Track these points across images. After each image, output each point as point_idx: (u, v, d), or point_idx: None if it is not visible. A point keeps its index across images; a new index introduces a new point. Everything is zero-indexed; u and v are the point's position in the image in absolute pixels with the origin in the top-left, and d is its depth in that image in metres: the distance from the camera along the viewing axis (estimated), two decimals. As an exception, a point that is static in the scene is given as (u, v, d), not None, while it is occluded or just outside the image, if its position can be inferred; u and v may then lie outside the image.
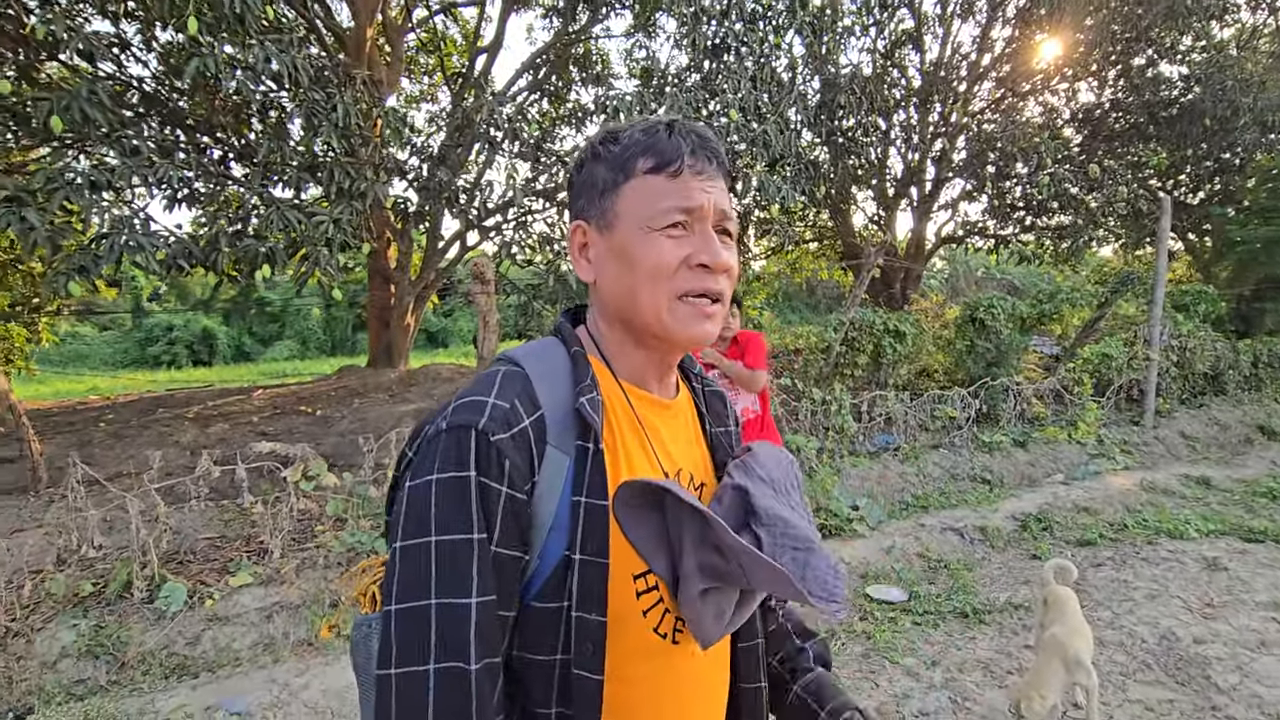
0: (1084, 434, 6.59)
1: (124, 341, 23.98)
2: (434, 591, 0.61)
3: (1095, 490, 5.44)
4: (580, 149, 0.84)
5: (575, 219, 0.80)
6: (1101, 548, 4.37)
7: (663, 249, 0.73)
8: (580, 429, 0.71)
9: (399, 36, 9.39)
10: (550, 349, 0.78)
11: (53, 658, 3.22)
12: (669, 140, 0.75)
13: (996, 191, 8.82)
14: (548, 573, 0.68)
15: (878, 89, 8.10)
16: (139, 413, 6.86)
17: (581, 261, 0.79)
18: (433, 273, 9.07)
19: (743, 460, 0.81)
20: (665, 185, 0.74)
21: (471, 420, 0.66)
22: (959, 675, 2.95)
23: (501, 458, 0.65)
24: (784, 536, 0.73)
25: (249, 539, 4.26)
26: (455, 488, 0.64)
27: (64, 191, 3.78)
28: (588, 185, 0.78)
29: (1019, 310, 7.35)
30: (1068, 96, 10.27)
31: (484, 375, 0.73)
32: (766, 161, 6.34)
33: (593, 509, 0.69)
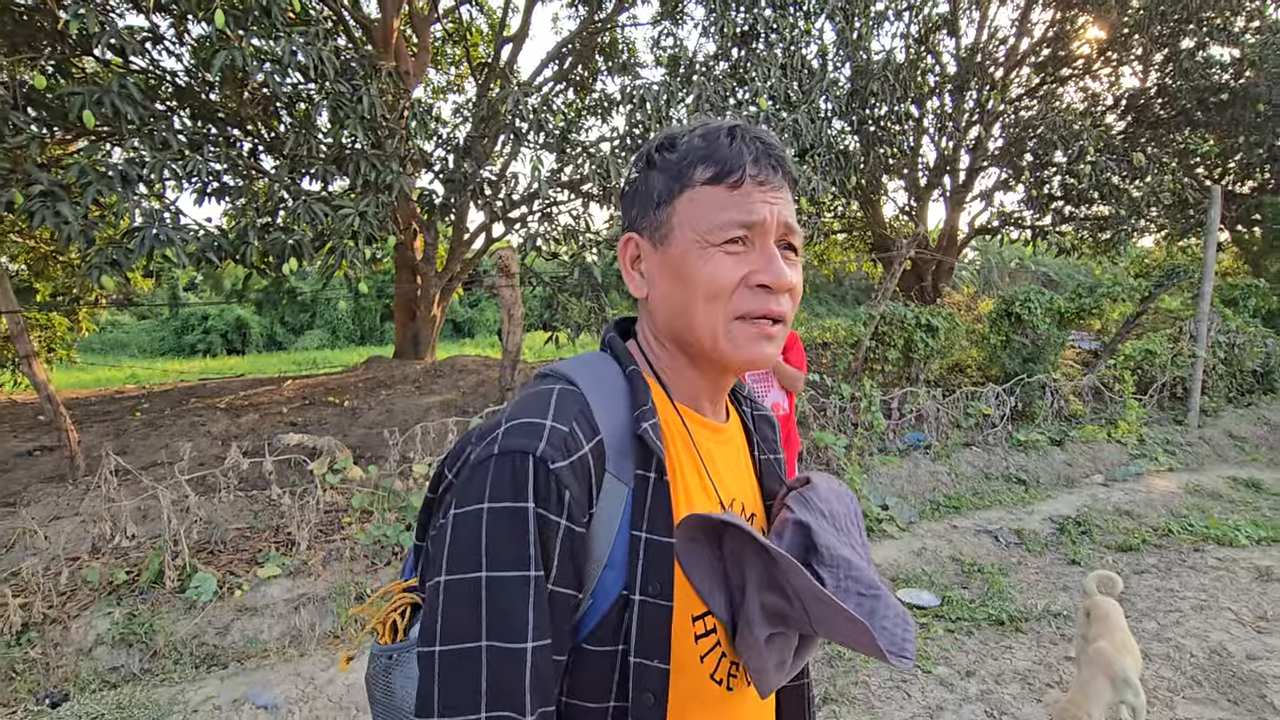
0: (1125, 433, 6.36)
1: (161, 330, 24.60)
2: (485, 633, 0.56)
3: (1137, 492, 5.24)
4: (636, 156, 0.76)
5: (627, 229, 0.76)
6: (1144, 554, 4.20)
7: (721, 266, 0.68)
8: (641, 456, 0.66)
9: (425, 27, 9.38)
10: (603, 366, 0.73)
11: (88, 645, 3.29)
12: (730, 147, 0.69)
13: (1034, 181, 8.53)
14: (603, 612, 0.63)
15: (911, 76, 7.87)
16: (172, 402, 6.99)
17: (634, 275, 0.75)
18: (458, 264, 9.08)
19: (801, 493, 0.75)
20: (725, 197, 0.68)
21: (529, 445, 0.60)
22: (995, 687, 2.85)
23: (561, 488, 0.60)
24: (848, 579, 0.68)
25: (277, 530, 4.30)
26: (510, 519, 0.58)
27: (97, 185, 3.82)
28: (641, 195, 0.74)
29: (1057, 304, 7.11)
30: (1110, 82, 9.89)
31: (536, 393, 0.67)
32: (796, 151, 6.19)
33: (655, 545, 0.64)
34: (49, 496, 4.62)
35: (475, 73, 10.80)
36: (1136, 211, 7.77)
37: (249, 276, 4.62)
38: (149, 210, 3.93)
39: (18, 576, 3.56)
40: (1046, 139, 7.49)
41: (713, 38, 6.19)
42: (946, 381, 7.38)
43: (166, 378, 11.74)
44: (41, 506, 4.41)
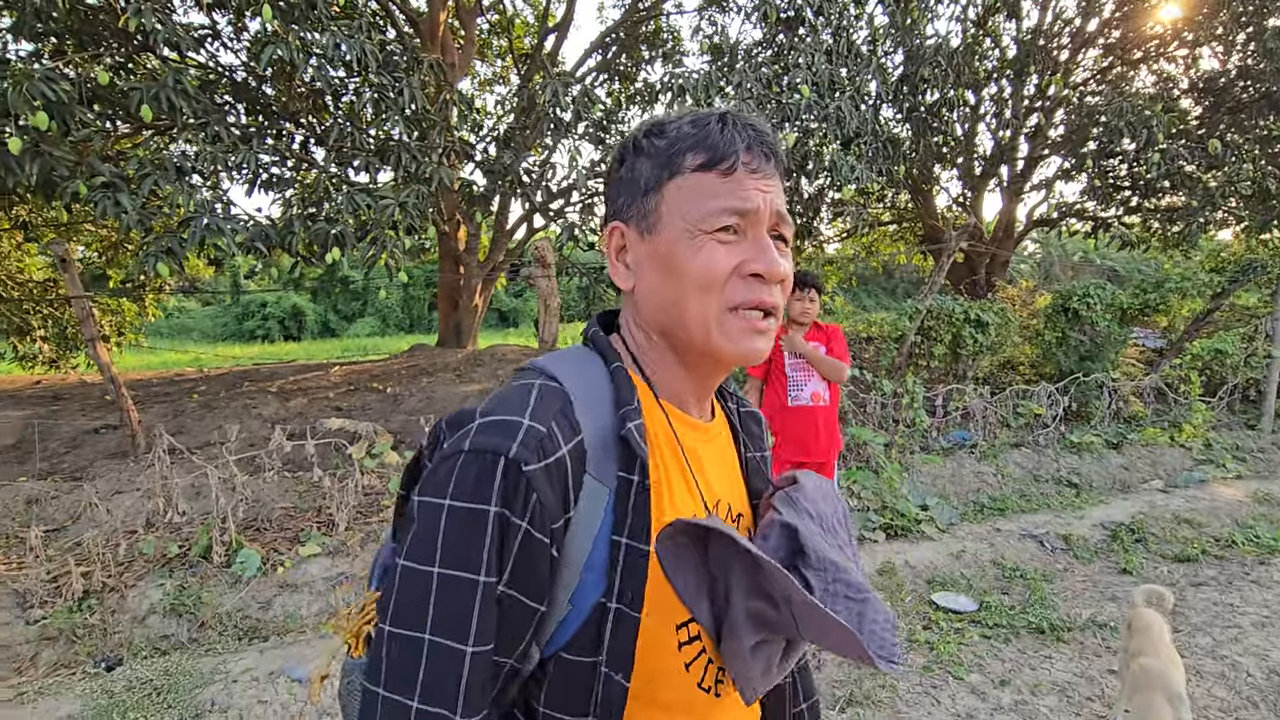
0: (1189, 437, 6.01)
1: (223, 316, 25.77)
2: (430, 626, 0.56)
3: (1200, 500, 4.95)
4: (620, 141, 0.75)
5: (612, 219, 0.72)
6: (1204, 565, 3.96)
7: (713, 255, 0.66)
8: (624, 458, 0.64)
9: (471, 19, 9.48)
10: (586, 362, 0.70)
11: (142, 613, 3.47)
12: (722, 134, 0.67)
13: (1098, 170, 8.09)
14: (581, 620, 0.62)
15: (966, 61, 7.54)
16: (227, 385, 7.31)
17: (619, 267, 0.72)
18: (501, 254, 9.20)
19: (788, 494, 0.73)
20: (717, 184, 0.66)
21: (501, 445, 0.58)
22: (1031, 698, 2.74)
23: (530, 492, 0.58)
24: (836, 583, 0.66)
25: (319, 511, 4.45)
26: (470, 521, 0.57)
27: (154, 177, 4.00)
28: (628, 182, 0.71)
29: (1119, 300, 6.74)
30: (1187, 64, 9.28)
31: (516, 388, 0.65)
32: (841, 140, 6.03)
33: (633, 552, 0.62)
34: (112, 472, 4.89)
35: (518, 64, 10.88)
36: (1211, 202, 7.29)
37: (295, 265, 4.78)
38: (201, 201, 4.09)
39: (80, 547, 3.79)
40: (1113, 126, 7.09)
41: (756, 24, 6.06)
42: (996, 379, 7.11)
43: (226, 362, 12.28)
44: (105, 481, 4.67)
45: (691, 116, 0.69)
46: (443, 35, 8.67)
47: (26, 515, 4.24)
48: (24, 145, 3.72)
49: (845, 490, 4.68)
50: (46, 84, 3.72)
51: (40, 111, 3.73)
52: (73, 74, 4.11)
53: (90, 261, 10.31)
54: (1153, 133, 6.69)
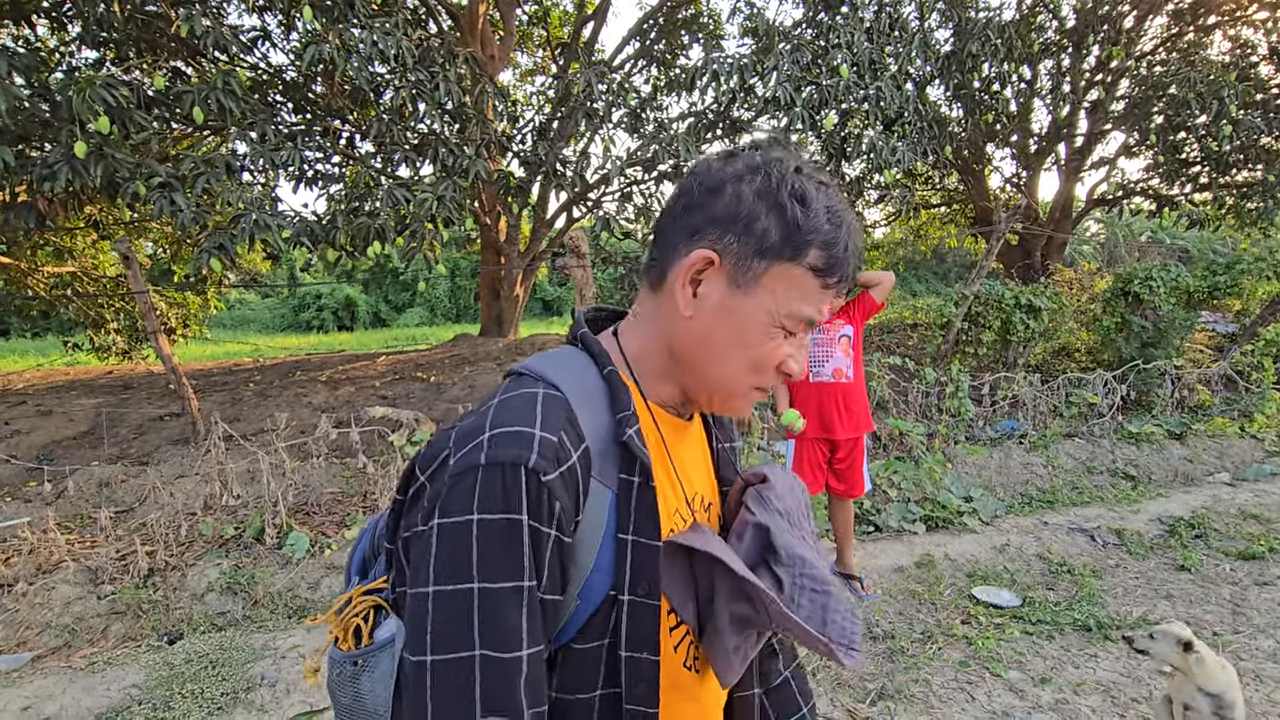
0: (1261, 428, 5.66)
1: (281, 308, 26.83)
2: (478, 643, 0.57)
3: (1270, 494, 4.66)
4: (750, 165, 0.69)
5: (709, 242, 0.68)
6: (1270, 563, 3.73)
7: (776, 349, 0.70)
8: (624, 461, 0.67)
9: (510, 10, 9.54)
10: (580, 366, 0.71)
11: (200, 591, 3.67)
12: (845, 250, 0.69)
13: (1165, 145, 7.63)
14: (589, 613, 0.66)
15: (1021, 34, 7.19)
16: (280, 375, 7.62)
17: (687, 291, 0.69)
18: (541, 244, 9.29)
19: (760, 492, 0.78)
20: (815, 291, 0.69)
21: (520, 457, 0.59)
22: (1073, 698, 2.64)
23: (552, 499, 0.60)
24: (803, 577, 0.72)
25: (364, 496, 4.62)
26: (504, 532, 0.58)
27: (206, 176, 4.18)
28: (746, 225, 0.68)
29: (1184, 283, 6.37)
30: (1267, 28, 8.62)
31: (519, 397, 0.65)
32: (883, 122, 5.85)
33: (642, 548, 0.67)
34: (175, 457, 5.18)
35: (554, 54, 10.91)
36: (1290, 176, 6.80)
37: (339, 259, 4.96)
38: (251, 198, 4.25)
39: (145, 527, 4.03)
40: (1180, 97, 6.66)
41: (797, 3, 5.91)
42: (1050, 367, 6.83)
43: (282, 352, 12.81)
44: (168, 465, 4.95)
45: (829, 203, 0.68)
46: (482, 28, 8.75)
47: (98, 497, 4.53)
48: (89, 149, 3.94)
49: (886, 480, 4.58)
50: (107, 90, 3.93)
51: (102, 116, 3.94)
52: (131, 79, 4.31)
53: (158, 258, 10.87)
54: (1225, 103, 6.27)
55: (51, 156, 3.98)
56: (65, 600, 3.41)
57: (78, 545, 3.91)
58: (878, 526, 4.25)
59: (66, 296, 9.15)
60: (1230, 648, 2.93)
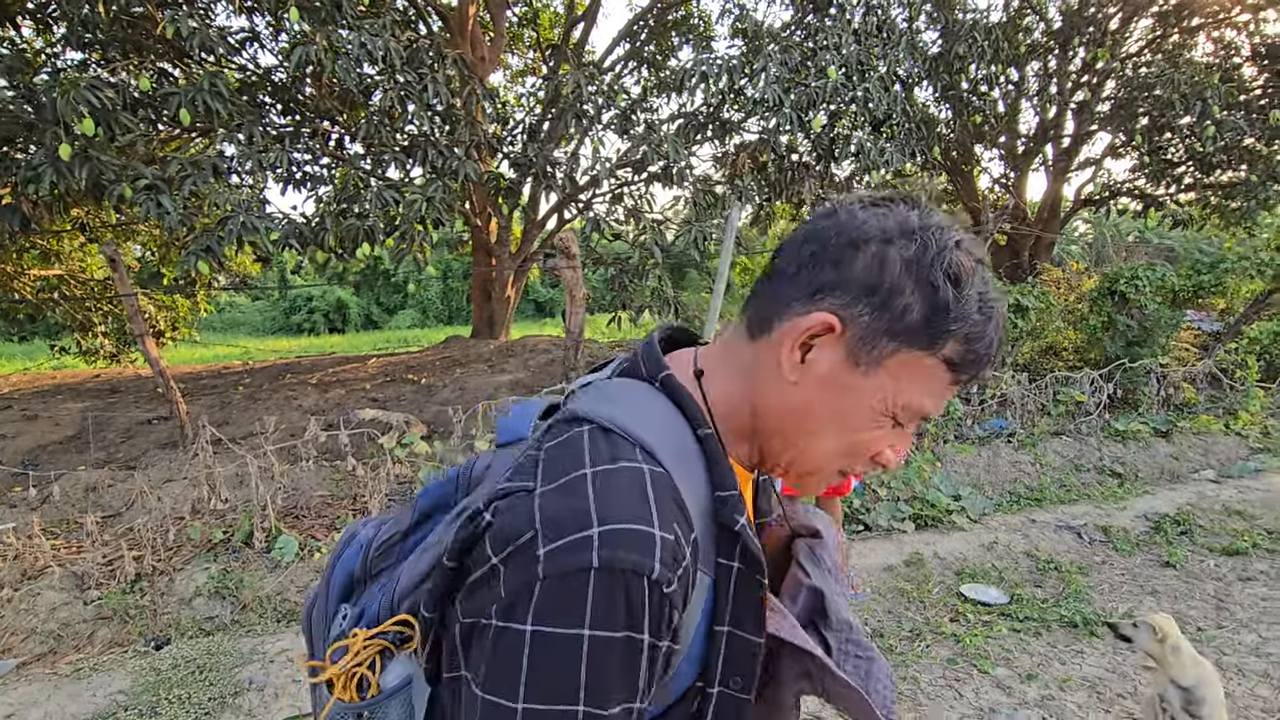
0: (1246, 425, 5.73)
1: (272, 310, 26.68)
2: None
3: (1254, 490, 4.72)
4: (900, 226, 0.59)
5: (830, 303, 0.59)
6: (1254, 559, 3.78)
7: (882, 439, 0.63)
8: (724, 543, 0.59)
9: (500, 12, 9.54)
10: (668, 421, 0.61)
11: (188, 595, 3.65)
12: (989, 347, 0.60)
13: (1149, 146, 7.71)
14: (670, 701, 0.60)
15: (1008, 36, 7.25)
16: (270, 377, 7.58)
17: (795, 355, 0.60)
18: (532, 246, 9.29)
19: (812, 549, 0.73)
20: (941, 386, 0.61)
21: (642, 565, 0.51)
22: (1058, 694, 2.67)
23: (673, 610, 0.53)
24: (849, 643, 0.69)
25: (354, 498, 4.61)
26: (623, 651, 0.50)
27: (193, 178, 4.16)
28: (885, 295, 0.58)
29: (1169, 282, 6.44)
30: (1249, 30, 8.72)
31: (623, 476, 0.54)
32: (871, 123, 5.89)
33: (740, 641, 0.60)
34: (162, 461, 5.14)
35: (544, 55, 10.91)
36: (1273, 176, 6.88)
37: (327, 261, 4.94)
38: (238, 200, 4.23)
39: (132, 532, 4.00)
40: (1164, 98, 6.74)
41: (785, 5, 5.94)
42: (1038, 365, 6.88)
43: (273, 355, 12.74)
44: (156, 470, 4.91)
45: (982, 289, 0.60)
46: (472, 29, 8.74)
47: (85, 502, 4.49)
48: (74, 151, 3.91)
49: (875, 479, 4.61)
50: (92, 92, 3.91)
51: (87, 118, 3.91)
52: (116, 81, 4.28)
53: (147, 260, 10.80)
54: (1208, 104, 6.34)
55: (36, 159, 3.96)
56: (50, 606, 3.38)
57: (63, 551, 3.88)
58: (867, 525, 4.27)
59: (53, 300, 9.08)
60: (1214, 642, 2.96)
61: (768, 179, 6.05)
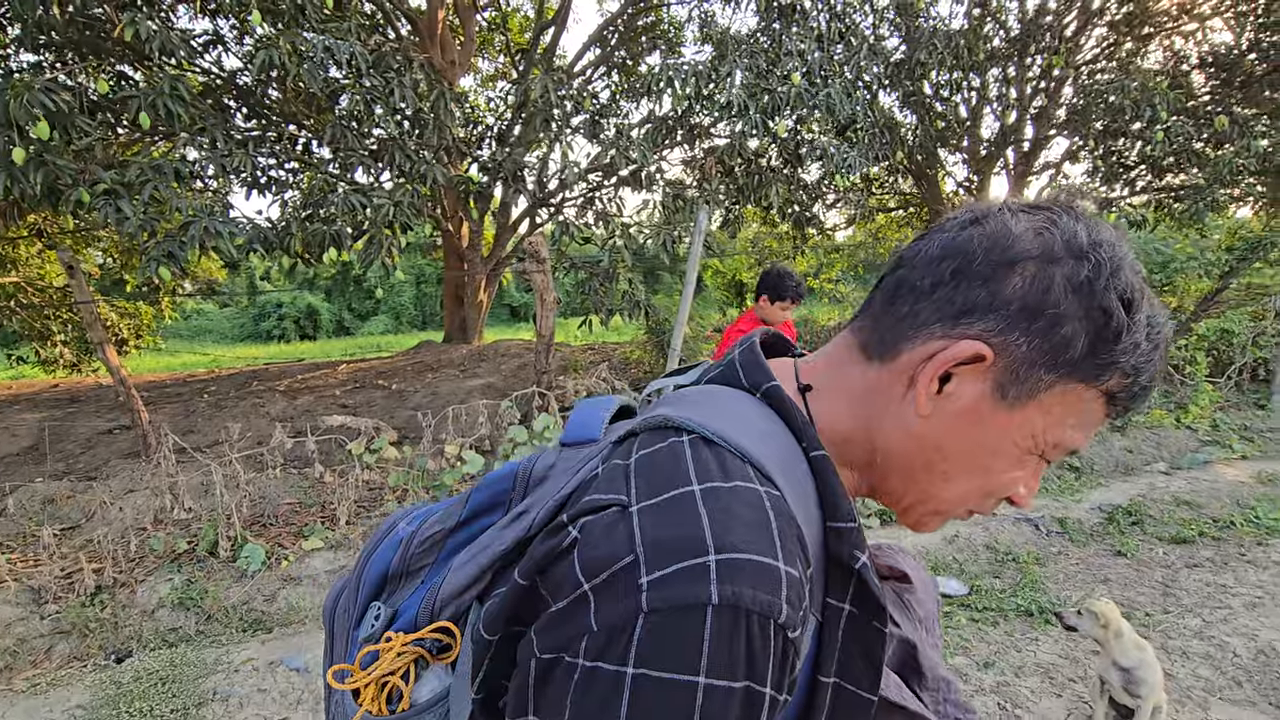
0: (1195, 418, 5.94)
1: (241, 317, 26.20)
2: None
3: (1201, 482, 4.90)
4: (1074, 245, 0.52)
5: (980, 329, 0.52)
6: (1200, 547, 3.94)
7: (1020, 477, 0.56)
8: (835, 582, 0.51)
9: (470, 16, 9.53)
10: (778, 437, 0.53)
11: (151, 607, 3.59)
12: (1152, 379, 0.54)
13: (1103, 150, 7.97)
14: None
15: (972, 43, 7.45)
16: (237, 385, 7.46)
17: (933, 386, 0.53)
18: (504, 250, 9.28)
19: (899, 595, 0.67)
20: (1097, 420, 0.54)
21: (770, 606, 0.43)
22: (1014, 680, 2.76)
23: (795, 662, 0.46)
24: (947, 704, 0.64)
25: (323, 506, 4.57)
26: (742, 704, 0.42)
27: (154, 182, 4.10)
28: (1047, 324, 0.51)
29: (1123, 281, 6.66)
30: (1198, 39, 9.08)
31: (741, 498, 0.46)
32: (835, 128, 6.01)
33: (849, 697, 0.51)
34: (124, 471, 5.04)
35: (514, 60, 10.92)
36: (1219, 179, 7.16)
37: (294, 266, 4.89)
38: (200, 205, 4.18)
39: (92, 544, 3.92)
40: (1116, 104, 6.98)
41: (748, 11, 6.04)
42: (1000, 364, 7.06)
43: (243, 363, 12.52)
44: (118, 480, 4.81)
45: (1154, 318, 0.53)
46: (442, 33, 8.72)
47: (42, 514, 4.39)
48: (28, 155, 3.83)
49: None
50: (47, 95, 3.83)
51: (42, 122, 3.84)
52: (73, 84, 4.21)
53: (109, 267, 10.56)
54: (1156, 110, 6.59)
55: (-12, 164, 3.87)
56: (5, 621, 3.30)
57: (19, 564, 3.79)
58: (834, 522, 4.34)
59: (10, 308, 8.83)
60: (1160, 627, 3.08)
61: (736, 183, 6.14)
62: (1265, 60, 8.20)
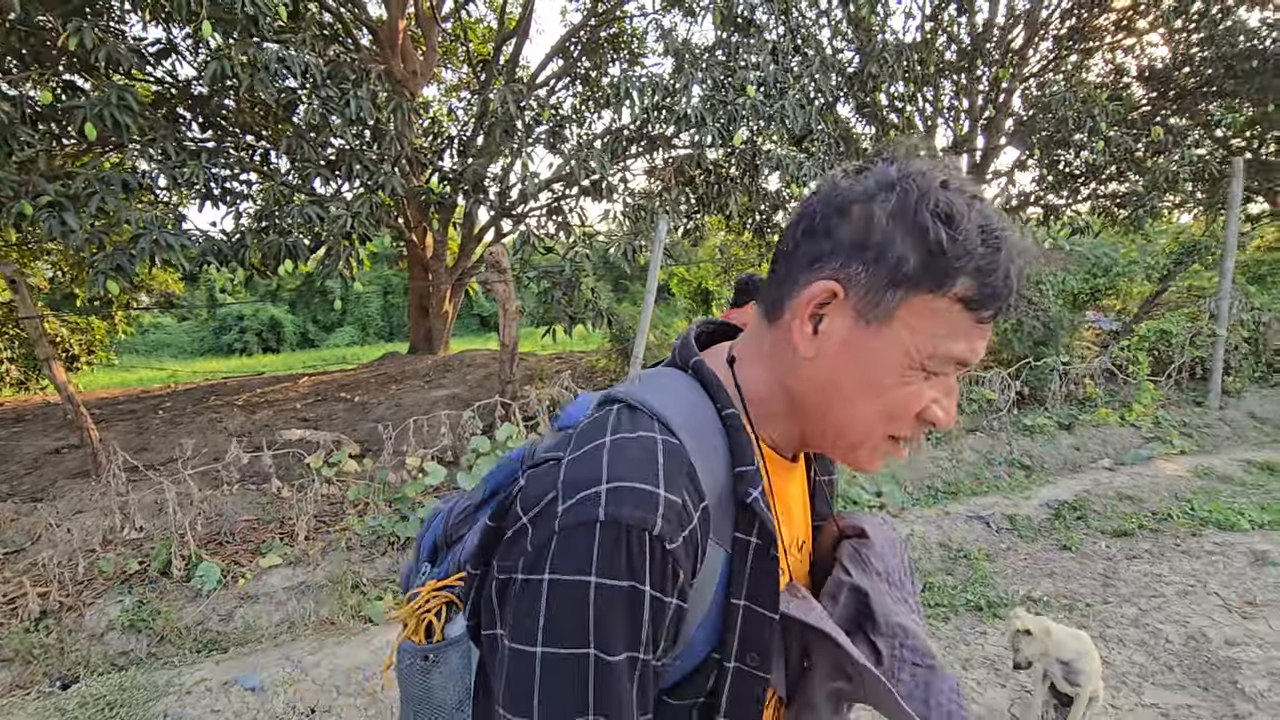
0: (1139, 416, 6.19)
1: (201, 331, 25.53)
2: (591, 709, 0.53)
3: (1143, 476, 5.11)
4: (882, 181, 0.61)
5: (831, 271, 0.61)
6: (1139, 539, 4.11)
7: (914, 394, 0.61)
8: (742, 519, 0.61)
9: (431, 26, 9.51)
10: (695, 402, 0.63)
11: (100, 631, 3.50)
12: (1006, 278, 0.59)
13: (1049, 159, 8.29)
14: (686, 670, 0.61)
15: (926, 55, 7.70)
16: (194, 400, 7.29)
17: (805, 328, 0.62)
18: (469, 260, 9.24)
19: (856, 549, 0.74)
20: (967, 326, 0.60)
21: (645, 521, 0.53)
22: (962, 672, 2.85)
23: (676, 569, 0.55)
24: (904, 649, 0.68)
25: (282, 522, 4.49)
26: (627, 602, 0.53)
27: (101, 194, 4.02)
28: (877, 251, 0.59)
29: (1069, 285, 6.92)
30: (1137, 54, 9.52)
31: (636, 444, 0.58)
32: (792, 139, 6.14)
33: (755, 616, 0.61)
34: (73, 491, 4.89)
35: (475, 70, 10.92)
36: (1156, 187, 7.50)
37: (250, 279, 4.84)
38: (150, 217, 4.11)
39: (37, 567, 3.80)
40: (1060, 115, 7.27)
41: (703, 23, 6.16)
42: (956, 366, 7.26)
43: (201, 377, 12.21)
44: (66, 501, 4.67)
45: (982, 222, 0.59)
46: (403, 43, 8.69)
47: (-16, 538, 4.24)
48: (-34, 168, 3.73)
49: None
50: (-14, 106, 3.74)
51: (-19, 134, 3.75)
52: (14, 94, 4.11)
53: (59, 281, 10.22)
54: (1096, 121, 6.88)
55: (-76, 176, 3.76)
56: (-57, 649, 3.19)
57: (-42, 590, 3.65)
58: (794, 524, 4.43)
59: (-50, 324, 8.50)
60: (1099, 616, 3.21)
61: (696, 192, 6.23)
62: (1196, 74, 8.63)
